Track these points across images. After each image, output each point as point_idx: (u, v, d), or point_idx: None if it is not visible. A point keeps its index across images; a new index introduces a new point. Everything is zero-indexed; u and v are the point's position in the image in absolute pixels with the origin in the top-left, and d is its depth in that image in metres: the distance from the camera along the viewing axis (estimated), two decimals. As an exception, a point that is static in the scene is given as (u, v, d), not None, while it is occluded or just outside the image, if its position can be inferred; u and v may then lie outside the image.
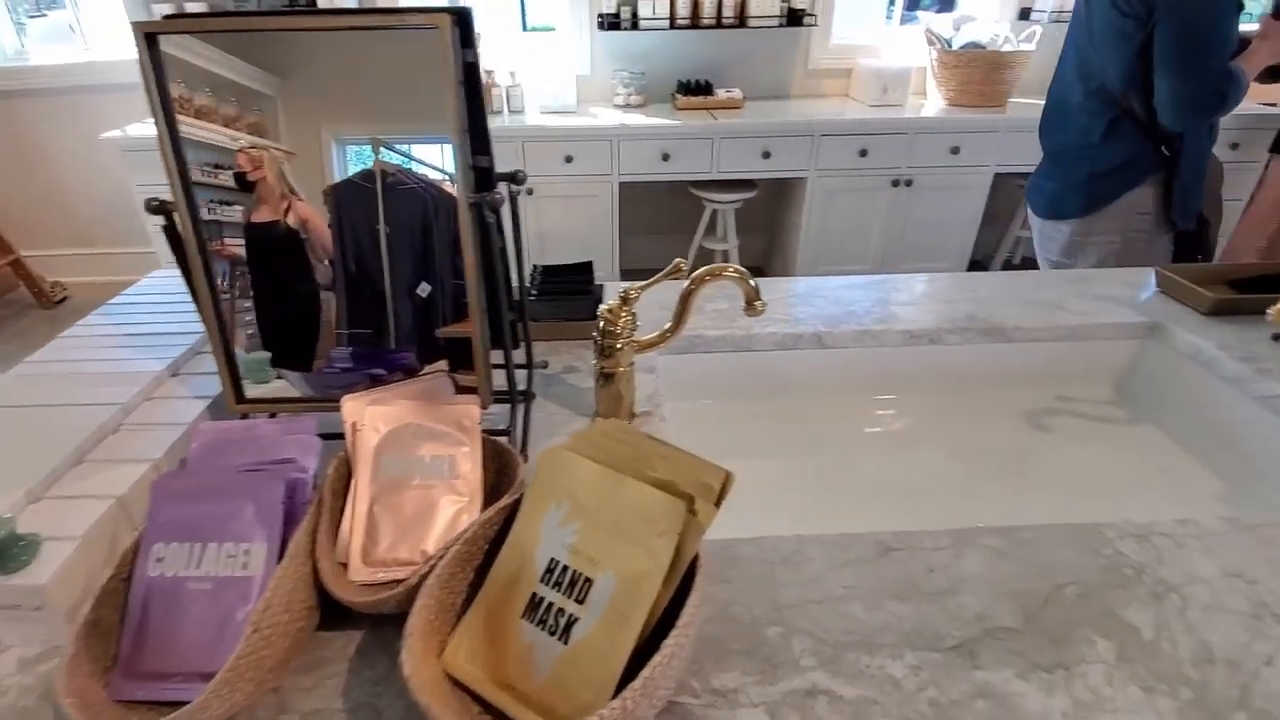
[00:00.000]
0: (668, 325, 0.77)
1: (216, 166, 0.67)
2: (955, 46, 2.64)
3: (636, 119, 2.71)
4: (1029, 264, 3.22)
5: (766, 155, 2.65)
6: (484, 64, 2.88)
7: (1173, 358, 0.97)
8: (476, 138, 0.63)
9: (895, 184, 2.69)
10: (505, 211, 0.68)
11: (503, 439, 0.68)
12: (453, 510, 0.61)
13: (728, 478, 0.51)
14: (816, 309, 1.04)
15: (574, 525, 0.49)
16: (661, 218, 3.27)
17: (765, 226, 3.32)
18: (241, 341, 0.71)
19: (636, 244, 3.34)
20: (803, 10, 2.75)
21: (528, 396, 0.78)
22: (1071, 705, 0.48)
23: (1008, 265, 3.12)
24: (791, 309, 1.04)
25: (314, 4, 2.66)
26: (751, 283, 0.73)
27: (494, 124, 2.68)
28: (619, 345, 0.74)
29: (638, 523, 0.47)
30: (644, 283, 0.74)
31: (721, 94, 2.85)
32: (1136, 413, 0.99)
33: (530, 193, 2.74)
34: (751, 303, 0.74)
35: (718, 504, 0.50)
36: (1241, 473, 0.86)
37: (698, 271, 0.74)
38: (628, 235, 3.31)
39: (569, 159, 2.67)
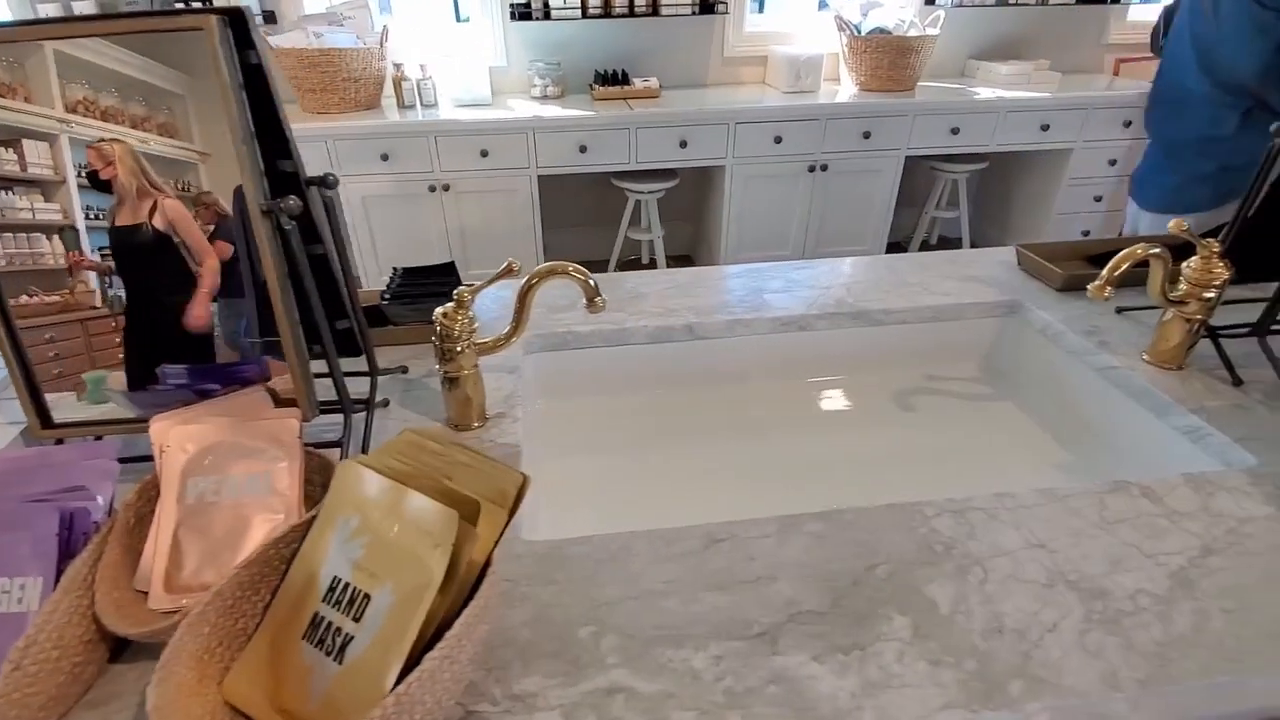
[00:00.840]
0: (508, 326, 0.76)
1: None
2: (863, 32, 2.68)
3: (553, 110, 2.67)
4: (945, 244, 3.32)
5: (684, 144, 2.65)
6: (392, 57, 2.81)
7: (1028, 334, 1.01)
8: (275, 141, 0.60)
9: (811, 169, 2.72)
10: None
11: (332, 451, 0.66)
12: (267, 529, 0.59)
13: (524, 482, 0.50)
14: (693, 300, 1.04)
15: (361, 540, 0.48)
16: (586, 210, 3.25)
17: (691, 215, 3.33)
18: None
19: (562, 238, 3.31)
20: (715, -2, 2.75)
21: (370, 405, 0.76)
22: (861, 685, 0.49)
23: (925, 246, 3.20)
24: (668, 301, 1.04)
25: (209, 4, 2.56)
26: (591, 281, 0.73)
27: (406, 119, 2.63)
28: (459, 349, 0.73)
29: (417, 535, 0.46)
30: (477, 285, 0.72)
31: (639, 84, 2.83)
32: (999, 388, 1.03)
33: (447, 189, 2.68)
34: (592, 300, 0.73)
35: (513, 510, 0.50)
36: (1084, 441, 0.90)
37: (536, 269, 0.73)
38: (552, 229, 3.29)
39: (484, 153, 2.62)
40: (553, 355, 0.98)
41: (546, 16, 2.74)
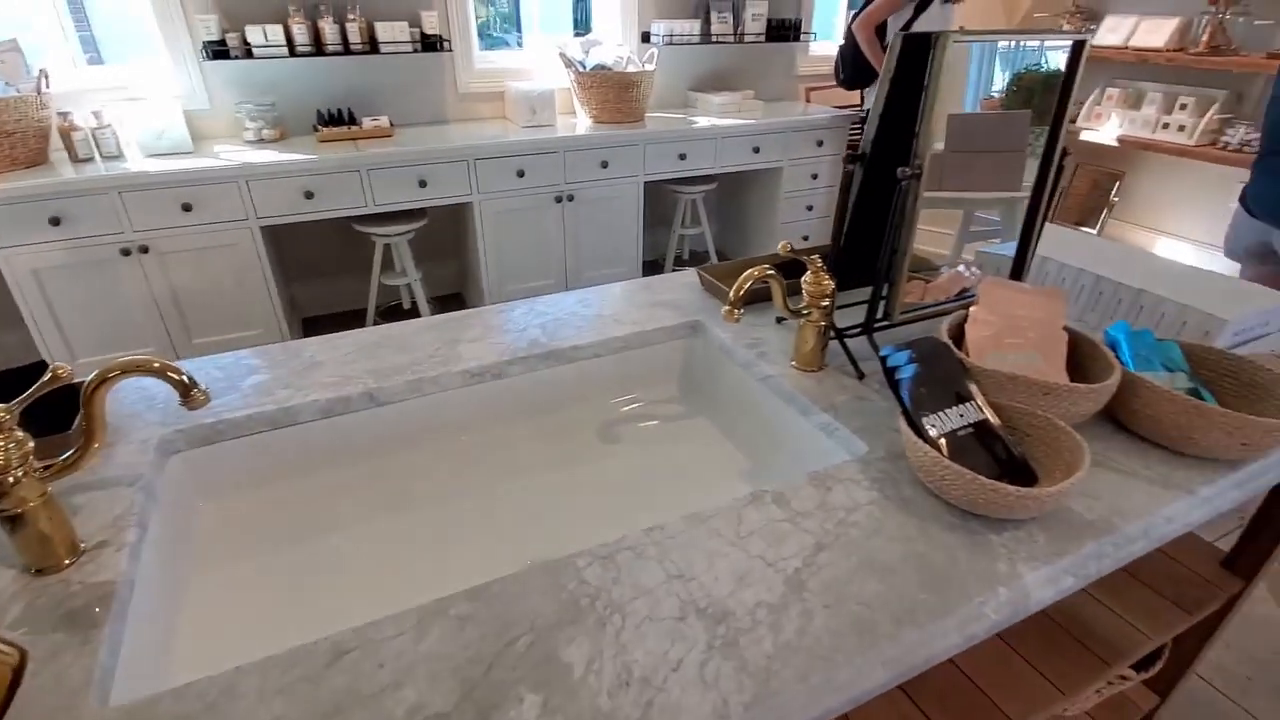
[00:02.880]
0: (79, 445, 0.62)
1: None
2: (588, 68, 2.79)
3: (269, 155, 2.43)
4: (696, 258, 3.57)
5: (424, 184, 2.55)
6: (57, 105, 2.38)
7: (711, 351, 1.07)
8: None
9: (559, 200, 2.77)
10: None
11: None
12: None
13: (21, 660, 0.40)
14: (377, 362, 0.96)
15: None
16: (334, 258, 3.01)
17: (454, 253, 3.23)
18: None
19: (312, 290, 3.04)
20: (437, 36, 2.69)
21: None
22: (473, 791, 0.45)
23: (678, 261, 3.42)
24: (347, 367, 0.95)
25: None
26: (183, 376, 0.62)
27: (82, 174, 2.23)
28: (10, 480, 0.58)
29: None
30: (19, 399, 0.58)
31: (368, 123, 2.68)
32: (694, 407, 1.08)
33: (145, 251, 2.32)
34: (187, 394, 0.63)
35: (6, 699, 0.39)
36: (759, 448, 0.97)
37: (107, 366, 0.61)
38: (299, 281, 3.01)
39: (187, 207, 2.30)
40: (203, 451, 0.84)
41: (248, 55, 2.49)
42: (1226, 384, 0.81)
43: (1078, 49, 0.84)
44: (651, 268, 3.38)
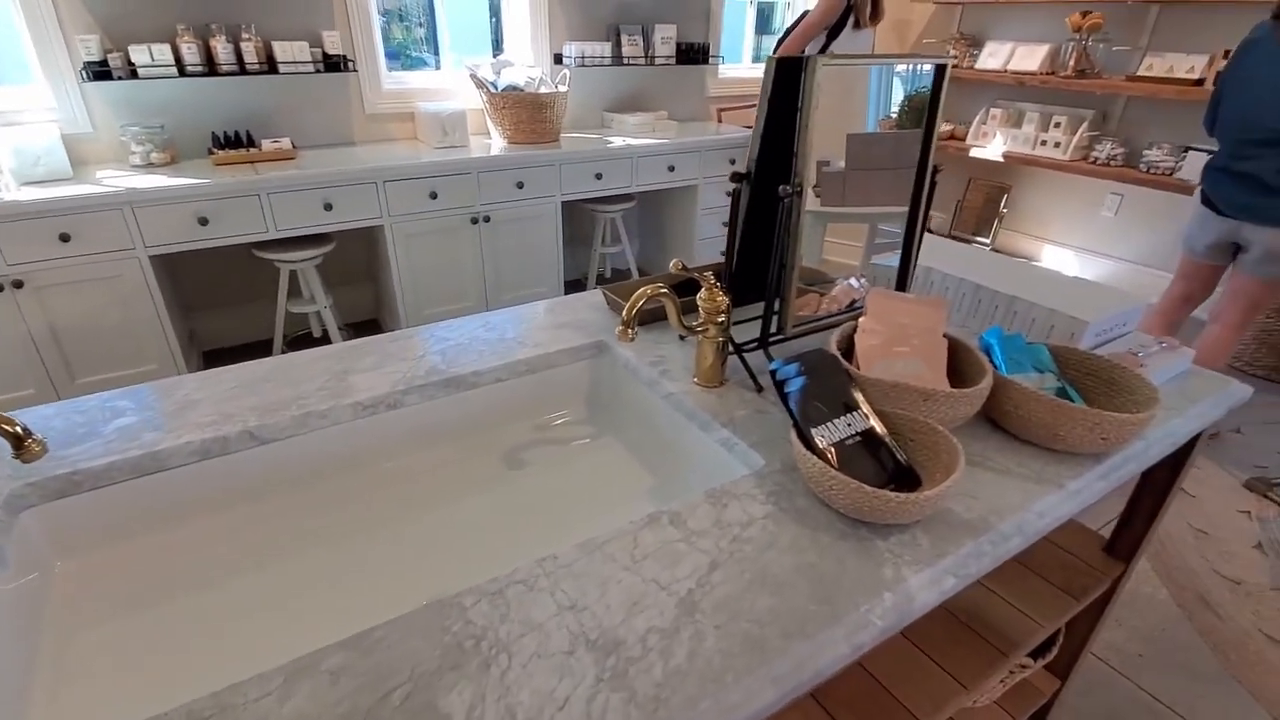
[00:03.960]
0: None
1: None
2: (499, 89, 2.78)
3: (158, 180, 2.29)
4: (618, 275, 3.59)
5: (329, 207, 2.46)
6: (-96, 127, 2.17)
7: (617, 370, 1.07)
8: None
9: (475, 221, 2.73)
10: None
11: None
12: None
13: None
14: (259, 397, 0.91)
15: None
16: (235, 287, 2.86)
17: (368, 278, 3.13)
18: None
19: (214, 321, 2.87)
20: (340, 56, 2.62)
21: None
22: None
23: (600, 279, 3.42)
24: (227, 404, 0.89)
25: None
26: (16, 427, 0.57)
27: (-62, 205, 2.03)
28: None
29: None
30: None
31: (268, 145, 2.57)
32: (602, 426, 1.07)
33: (19, 286, 2.13)
34: (21, 445, 0.57)
35: None
36: (665, 466, 0.97)
37: (-81, 423, 0.55)
38: (199, 312, 2.84)
39: (65, 237, 2.14)
40: (59, 505, 0.77)
41: (133, 76, 2.35)
42: (1090, 383, 0.87)
43: (940, 72, 0.89)
44: (575, 287, 3.37)
